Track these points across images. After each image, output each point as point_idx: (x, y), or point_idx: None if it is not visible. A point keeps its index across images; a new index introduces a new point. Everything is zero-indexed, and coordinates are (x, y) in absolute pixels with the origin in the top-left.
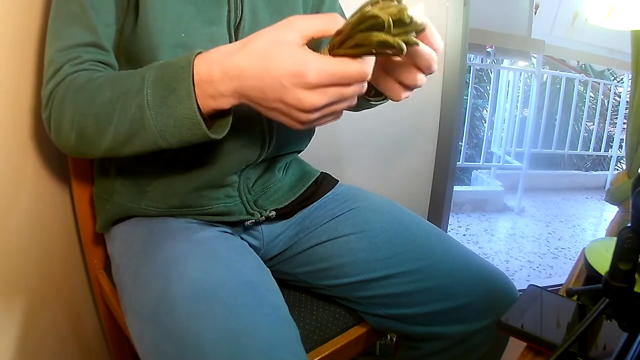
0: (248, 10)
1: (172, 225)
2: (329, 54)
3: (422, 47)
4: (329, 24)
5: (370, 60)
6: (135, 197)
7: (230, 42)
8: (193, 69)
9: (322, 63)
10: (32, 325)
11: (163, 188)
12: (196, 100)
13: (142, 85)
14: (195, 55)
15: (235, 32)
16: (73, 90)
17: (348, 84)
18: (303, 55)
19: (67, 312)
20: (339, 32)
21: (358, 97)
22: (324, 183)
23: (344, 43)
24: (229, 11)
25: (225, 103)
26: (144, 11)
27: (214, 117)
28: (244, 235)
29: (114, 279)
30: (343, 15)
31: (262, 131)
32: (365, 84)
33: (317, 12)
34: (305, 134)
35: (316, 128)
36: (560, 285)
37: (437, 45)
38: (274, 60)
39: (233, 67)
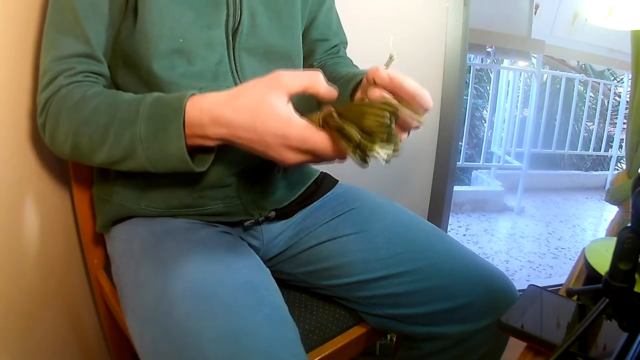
0: (247, 14)
1: (171, 225)
2: (320, 122)
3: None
4: (312, 83)
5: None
6: (135, 197)
7: (227, 46)
8: (185, 112)
9: (304, 132)
10: (32, 325)
11: (163, 188)
12: (185, 142)
13: (136, 118)
14: (187, 99)
15: (233, 36)
16: (68, 107)
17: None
18: (288, 120)
19: (67, 312)
20: (337, 107)
21: None
22: (324, 183)
23: (337, 122)
24: (227, 15)
25: (211, 144)
26: (142, 16)
27: (198, 149)
28: (243, 236)
29: (114, 279)
30: (338, 21)
31: None
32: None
33: (315, 17)
34: None
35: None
36: (560, 285)
37: (427, 107)
38: (261, 119)
39: (222, 118)
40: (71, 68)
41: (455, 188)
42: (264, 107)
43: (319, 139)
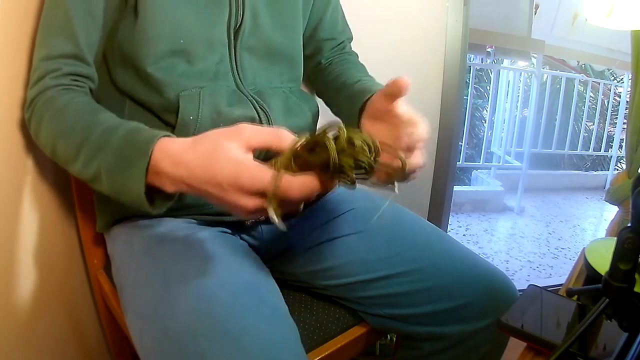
0: (249, 13)
1: (172, 225)
2: (275, 166)
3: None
4: (274, 139)
5: (308, 182)
6: None
7: (229, 46)
8: (150, 157)
9: (254, 170)
10: (33, 325)
11: None
12: (145, 185)
13: (105, 148)
14: (155, 143)
15: (234, 36)
16: (50, 114)
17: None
18: (241, 164)
19: (67, 312)
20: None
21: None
22: None
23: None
24: (229, 14)
25: (170, 187)
26: (143, 15)
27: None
28: (243, 236)
29: (114, 279)
30: (344, 18)
31: None
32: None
33: (321, 18)
34: (306, 134)
35: (317, 129)
36: (560, 285)
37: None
38: (217, 166)
39: (183, 160)
40: (58, 69)
41: (455, 188)
42: (220, 151)
43: (267, 175)
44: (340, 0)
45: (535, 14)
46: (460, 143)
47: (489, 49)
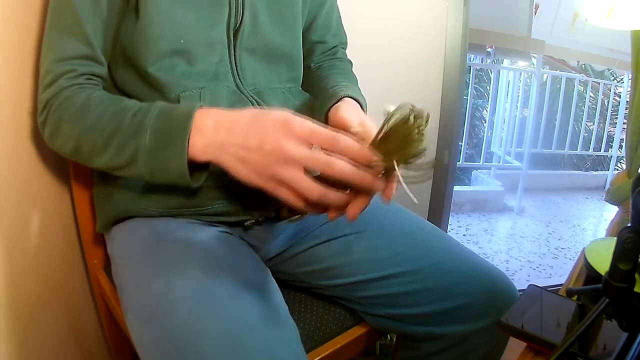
0: (249, 14)
1: (172, 225)
2: None
3: None
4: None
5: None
6: (135, 197)
7: (229, 47)
8: (191, 128)
9: (309, 121)
10: (33, 325)
11: (163, 188)
12: (187, 159)
13: (142, 130)
14: (195, 113)
15: (234, 36)
16: (71, 112)
17: (336, 152)
18: (291, 114)
19: (67, 312)
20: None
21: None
22: None
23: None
24: (229, 15)
25: (205, 155)
26: (143, 15)
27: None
28: (243, 236)
29: (114, 279)
30: (339, 22)
31: None
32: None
33: (314, 19)
34: None
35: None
36: (560, 285)
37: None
38: (265, 113)
39: (227, 120)
40: (73, 70)
41: (455, 188)
42: (269, 112)
43: (329, 129)
44: (340, 1)
45: (535, 14)
46: (460, 143)
47: (489, 49)
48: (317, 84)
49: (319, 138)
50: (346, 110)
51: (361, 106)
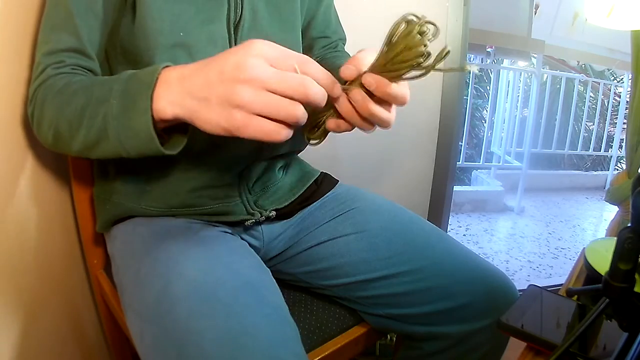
0: (248, 8)
1: (172, 225)
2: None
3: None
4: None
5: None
6: (135, 197)
7: (229, 41)
8: (155, 84)
9: (267, 42)
10: (32, 325)
11: (163, 188)
12: (152, 116)
13: (109, 96)
14: (161, 70)
15: (235, 31)
16: (52, 94)
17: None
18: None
19: (67, 312)
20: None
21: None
22: (324, 183)
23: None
24: (228, 10)
25: (172, 108)
26: (141, 11)
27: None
28: (244, 236)
29: (114, 279)
30: (337, 19)
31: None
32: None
33: (313, 16)
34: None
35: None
36: (560, 285)
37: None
38: (225, 51)
39: (188, 70)
40: (60, 61)
41: (455, 188)
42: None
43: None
44: (340, 0)
45: (535, 14)
46: (460, 143)
47: (489, 49)
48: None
49: (287, 60)
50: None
51: None
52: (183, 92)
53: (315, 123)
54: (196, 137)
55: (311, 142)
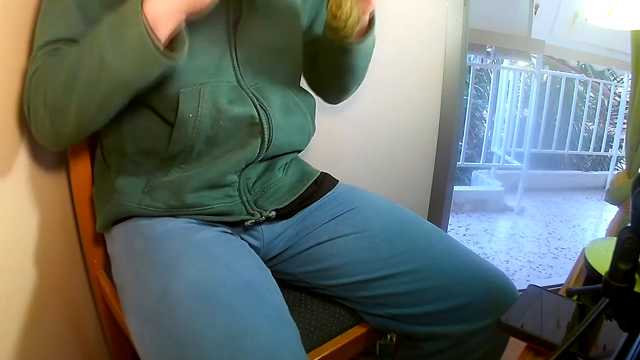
0: (247, 10)
1: (172, 225)
2: None
3: None
4: None
5: None
6: (135, 197)
7: (229, 42)
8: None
9: None
10: (32, 325)
11: (163, 188)
12: (144, 22)
13: (97, 34)
14: None
15: (234, 32)
16: (44, 70)
17: None
18: None
19: (67, 312)
20: None
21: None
22: (324, 183)
23: None
24: (227, 10)
25: (170, 18)
26: None
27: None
28: (244, 236)
29: (114, 279)
30: None
31: (261, 130)
32: None
33: (317, 14)
34: (304, 133)
35: (316, 127)
36: (560, 285)
37: None
38: None
39: None
40: (55, 48)
41: (455, 188)
42: None
43: None
44: None
45: (535, 14)
46: (460, 143)
47: (489, 49)
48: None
49: None
50: None
51: None
52: None
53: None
54: (196, 137)
55: (343, 29)
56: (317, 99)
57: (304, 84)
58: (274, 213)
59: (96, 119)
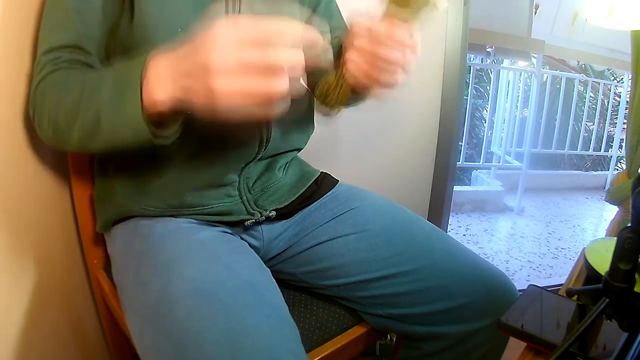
0: (246, 5)
1: (172, 225)
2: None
3: None
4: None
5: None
6: (135, 197)
7: None
8: (143, 72)
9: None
10: (32, 325)
11: (163, 188)
12: (141, 100)
13: (102, 83)
14: (151, 56)
15: None
16: (50, 88)
17: (269, 41)
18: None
19: (67, 312)
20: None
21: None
22: (324, 183)
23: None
24: (226, 6)
25: (165, 93)
26: (139, 8)
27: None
28: (244, 236)
29: (114, 279)
30: (339, 14)
31: (259, 128)
32: (300, 58)
33: (314, 9)
34: (304, 131)
35: (315, 125)
36: (560, 285)
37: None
38: (202, 35)
39: (177, 52)
40: (58, 57)
41: (455, 188)
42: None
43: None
44: (341, 1)
45: (535, 14)
46: (460, 143)
47: (489, 49)
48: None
49: (257, 36)
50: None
51: None
52: (170, 79)
53: (327, 86)
54: (196, 136)
55: (331, 108)
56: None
57: None
58: (274, 213)
59: (98, 152)
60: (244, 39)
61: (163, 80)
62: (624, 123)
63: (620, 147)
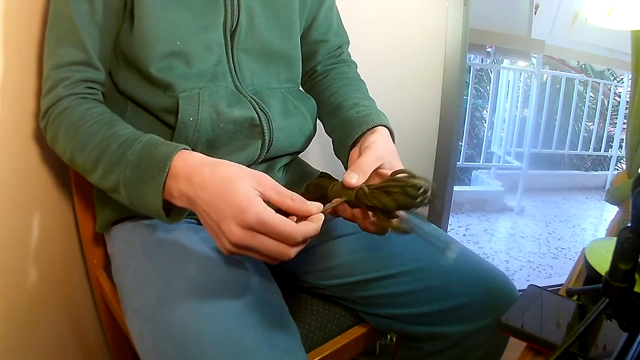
0: (245, 15)
1: (172, 225)
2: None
3: None
4: (285, 203)
5: (310, 230)
6: None
7: (226, 47)
8: (168, 171)
9: (263, 211)
10: (33, 326)
11: None
12: (163, 198)
13: (124, 163)
14: (173, 157)
15: (231, 37)
16: (67, 124)
17: (275, 239)
18: (253, 198)
19: (67, 312)
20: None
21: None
22: None
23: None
24: (225, 16)
25: (179, 202)
26: (139, 19)
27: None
28: None
29: (114, 279)
30: (339, 21)
31: (261, 132)
32: (292, 252)
33: (314, 19)
34: (305, 135)
35: (317, 128)
36: (560, 285)
37: None
38: (231, 188)
39: (198, 177)
40: (69, 77)
41: (455, 188)
42: (238, 181)
43: (278, 219)
44: (340, 1)
45: (535, 14)
46: (460, 143)
47: (489, 49)
48: (331, 100)
49: (262, 230)
50: (378, 154)
51: (390, 132)
52: (190, 200)
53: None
54: (197, 140)
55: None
56: None
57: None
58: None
59: None
60: (268, 230)
61: (184, 200)
62: (624, 123)
63: (620, 147)
